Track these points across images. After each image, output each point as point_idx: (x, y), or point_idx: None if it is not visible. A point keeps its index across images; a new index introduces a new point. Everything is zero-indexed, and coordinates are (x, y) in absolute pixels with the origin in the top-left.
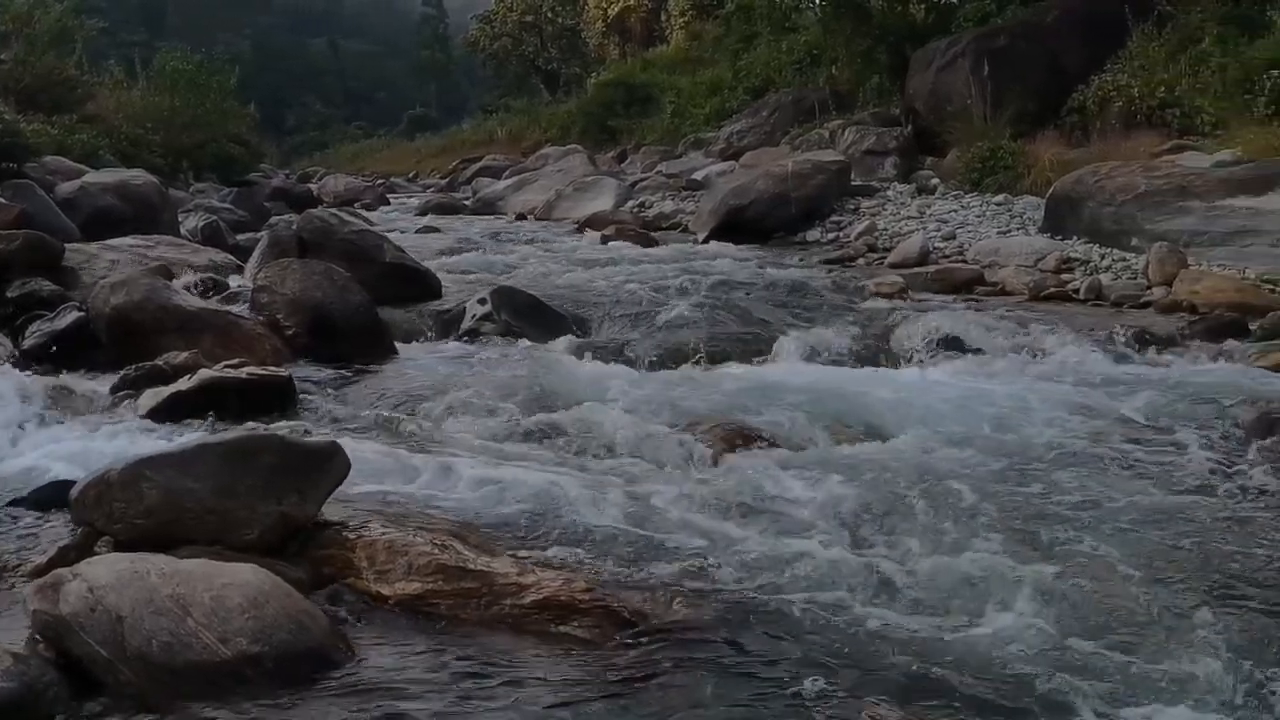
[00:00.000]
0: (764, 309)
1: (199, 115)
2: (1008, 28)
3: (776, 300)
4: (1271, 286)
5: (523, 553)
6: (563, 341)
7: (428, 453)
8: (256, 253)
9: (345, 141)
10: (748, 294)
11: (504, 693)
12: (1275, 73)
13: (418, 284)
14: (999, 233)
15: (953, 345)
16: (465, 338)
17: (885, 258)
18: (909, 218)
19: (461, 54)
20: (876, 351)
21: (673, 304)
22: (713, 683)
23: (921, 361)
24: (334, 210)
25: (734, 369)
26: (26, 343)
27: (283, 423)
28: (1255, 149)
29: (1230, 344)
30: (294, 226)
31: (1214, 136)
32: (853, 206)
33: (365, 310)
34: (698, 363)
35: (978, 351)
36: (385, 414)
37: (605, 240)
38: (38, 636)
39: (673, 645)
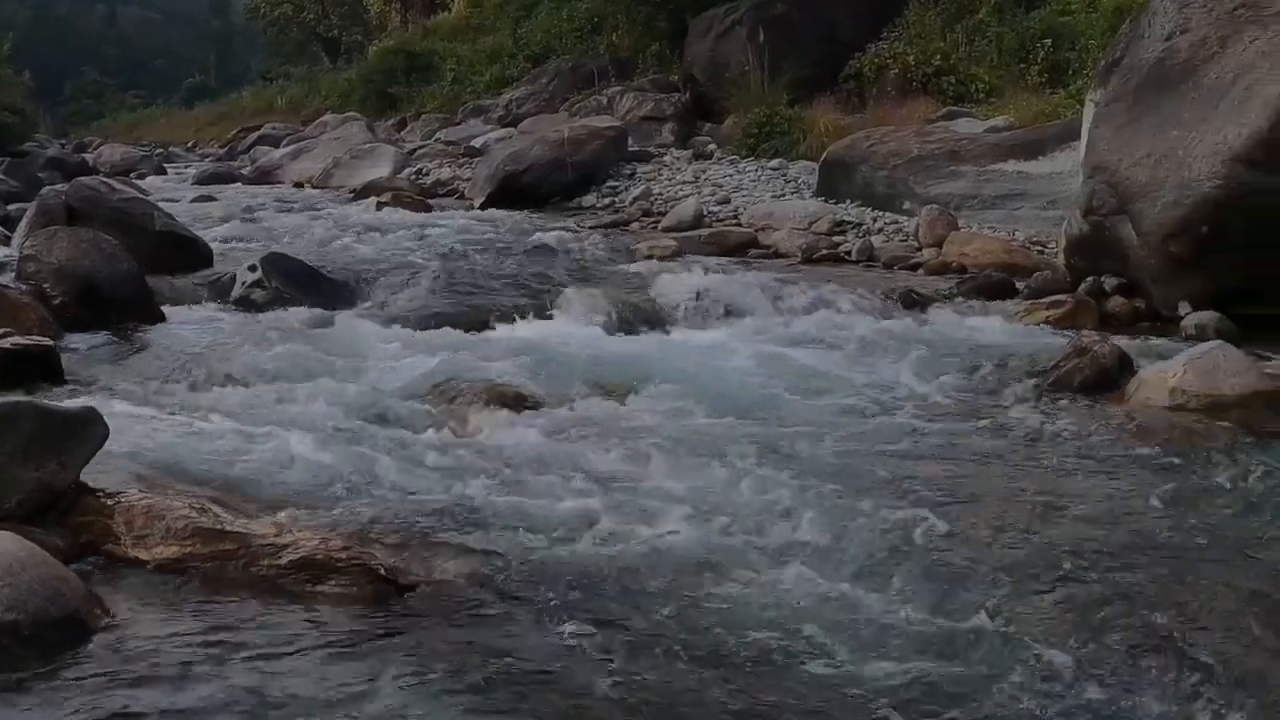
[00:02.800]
0: (535, 273)
1: None
2: None
3: (548, 264)
4: (1040, 247)
5: (281, 514)
6: (334, 308)
7: (190, 418)
8: (24, 222)
9: (123, 110)
10: (519, 259)
11: (260, 651)
12: (1049, 42)
13: (189, 252)
14: (773, 197)
15: (721, 307)
16: (236, 305)
17: (660, 222)
18: (685, 182)
19: (242, 21)
20: (644, 314)
21: (444, 269)
22: (470, 634)
23: (689, 323)
24: (104, 179)
25: (502, 332)
26: None
27: (46, 391)
28: (1027, 115)
29: (998, 303)
30: (63, 195)
31: (988, 104)
32: (629, 172)
33: (133, 278)
34: (466, 327)
35: (745, 312)
36: (149, 381)
37: (380, 207)
38: None
39: (431, 599)
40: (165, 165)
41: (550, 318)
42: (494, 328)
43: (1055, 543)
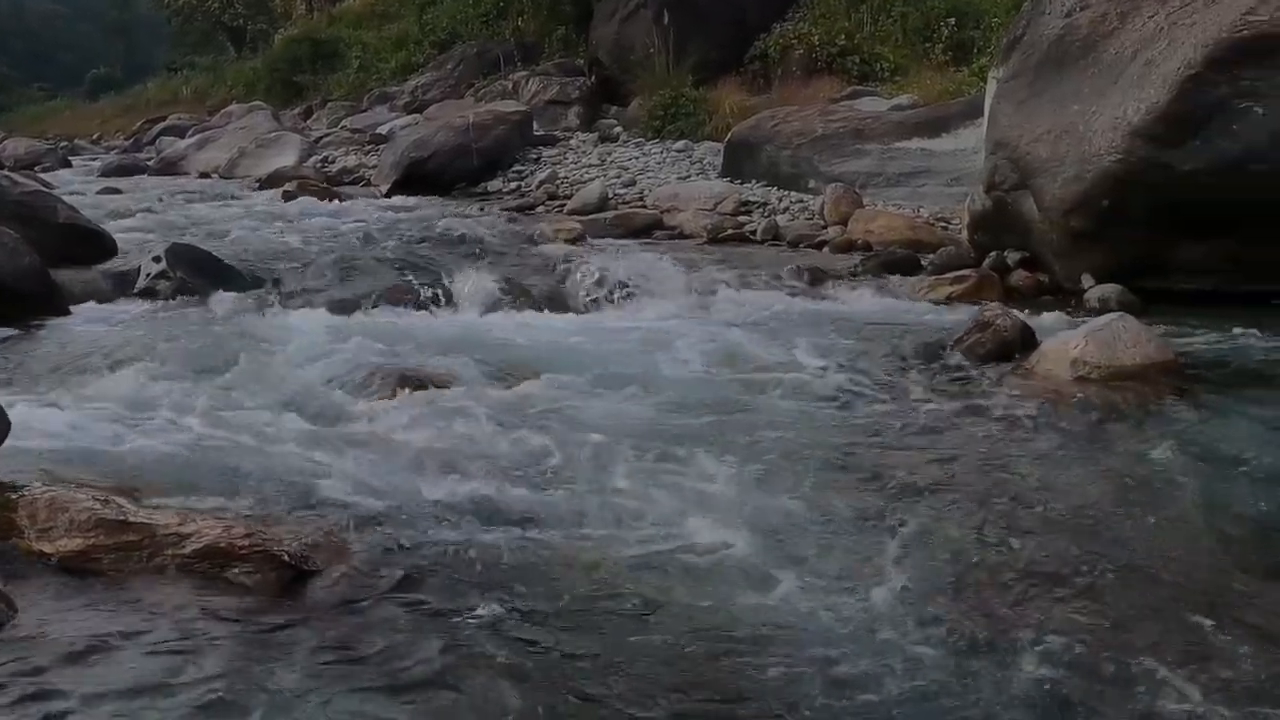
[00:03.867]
0: (441, 258)
1: None
2: None
3: (454, 249)
4: (944, 224)
5: (186, 504)
6: (239, 296)
7: (94, 410)
8: None
9: (28, 104)
10: (425, 244)
11: (166, 642)
12: (953, 21)
13: (93, 244)
14: (679, 178)
15: (626, 288)
16: (141, 296)
17: (565, 205)
18: (590, 166)
19: (147, 12)
20: (550, 296)
21: (350, 256)
22: (374, 620)
23: (594, 305)
24: (6, 173)
25: (410, 318)
26: None
27: None
28: (931, 93)
29: (902, 279)
30: None
31: (893, 82)
32: (535, 156)
33: (36, 272)
34: (372, 313)
35: (651, 294)
36: (52, 373)
37: (286, 196)
38: None
39: (336, 585)
40: (70, 158)
41: (455, 303)
42: (399, 314)
43: (955, 514)
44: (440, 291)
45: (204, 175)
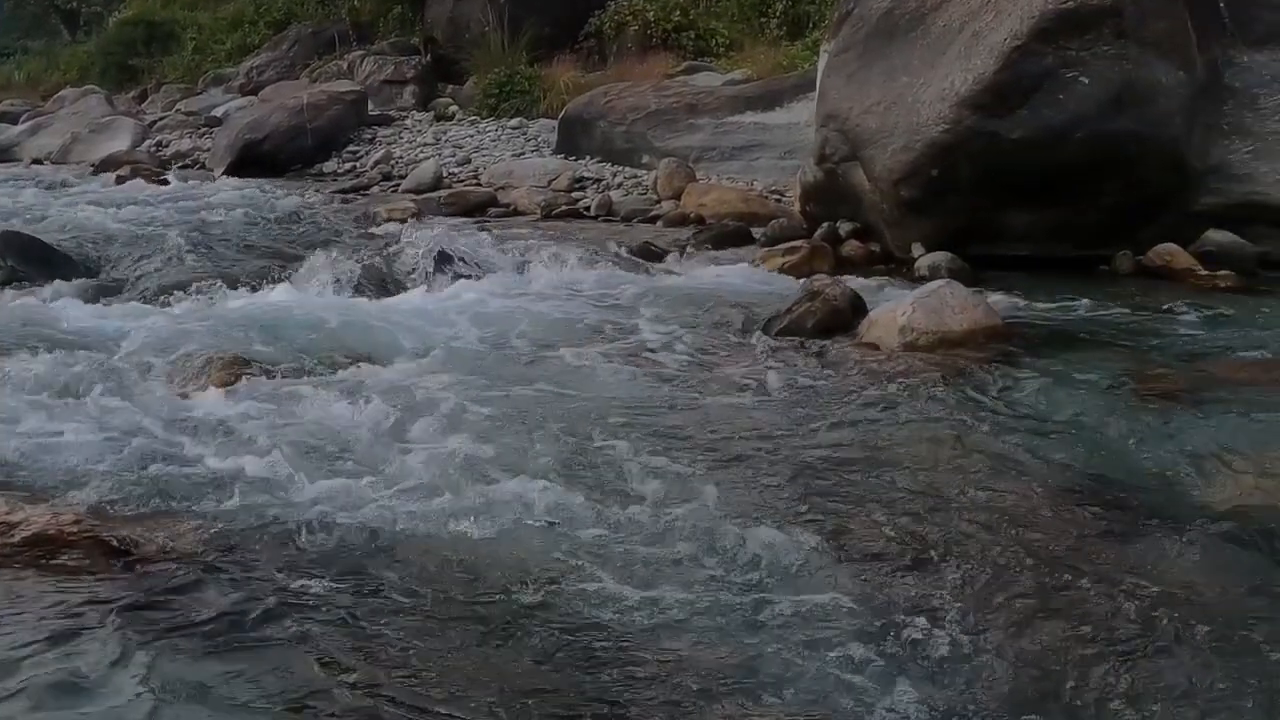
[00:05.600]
0: (273, 240)
1: None
2: None
3: (287, 231)
4: (778, 196)
5: (15, 492)
6: (71, 284)
7: None
8: None
9: None
10: (258, 226)
11: None
12: None
13: None
14: (514, 155)
15: (457, 266)
16: None
17: (400, 185)
18: (425, 145)
19: None
20: (383, 276)
21: (182, 240)
22: (206, 601)
23: (427, 284)
24: None
25: (241, 301)
26: None
27: None
28: (766, 68)
29: (735, 251)
30: None
31: (727, 58)
32: (370, 136)
33: None
34: (202, 296)
35: (481, 271)
36: None
37: (120, 180)
38: None
39: (166, 569)
40: None
41: (287, 285)
42: (230, 297)
43: (778, 484)
44: (273, 274)
45: (37, 161)
